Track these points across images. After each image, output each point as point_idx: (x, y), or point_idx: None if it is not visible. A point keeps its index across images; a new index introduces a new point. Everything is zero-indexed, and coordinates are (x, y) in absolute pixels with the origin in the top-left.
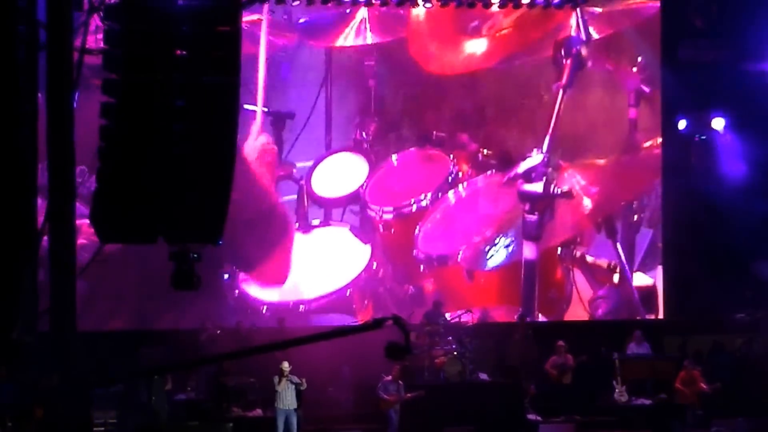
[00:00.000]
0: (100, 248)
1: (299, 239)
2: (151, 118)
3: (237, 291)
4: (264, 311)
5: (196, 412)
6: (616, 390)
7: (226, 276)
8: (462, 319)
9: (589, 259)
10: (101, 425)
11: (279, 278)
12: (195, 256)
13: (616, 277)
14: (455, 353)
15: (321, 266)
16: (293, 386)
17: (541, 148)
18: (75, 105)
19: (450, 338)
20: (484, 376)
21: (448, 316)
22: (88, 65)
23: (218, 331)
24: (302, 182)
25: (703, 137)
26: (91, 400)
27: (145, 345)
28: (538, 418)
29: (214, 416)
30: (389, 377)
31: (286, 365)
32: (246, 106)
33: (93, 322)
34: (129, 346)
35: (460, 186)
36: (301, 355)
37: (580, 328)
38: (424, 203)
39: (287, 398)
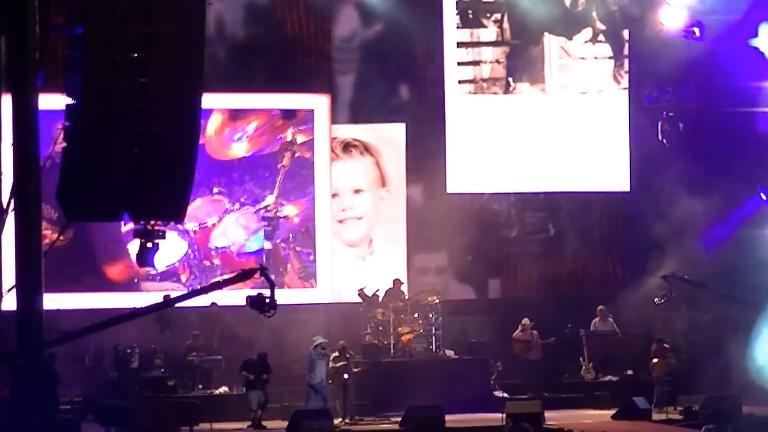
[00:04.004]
0: (66, 226)
1: None
2: (115, 95)
3: None
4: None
5: (164, 390)
6: (583, 367)
7: None
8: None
9: None
10: (68, 403)
11: None
12: (160, 233)
13: None
14: (421, 330)
15: None
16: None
17: None
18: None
19: (416, 315)
20: (450, 352)
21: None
22: None
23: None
24: None
25: (671, 114)
26: (57, 377)
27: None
28: (505, 395)
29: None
30: (336, 353)
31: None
32: None
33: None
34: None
35: None
36: (270, 333)
37: (543, 305)
38: None
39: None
